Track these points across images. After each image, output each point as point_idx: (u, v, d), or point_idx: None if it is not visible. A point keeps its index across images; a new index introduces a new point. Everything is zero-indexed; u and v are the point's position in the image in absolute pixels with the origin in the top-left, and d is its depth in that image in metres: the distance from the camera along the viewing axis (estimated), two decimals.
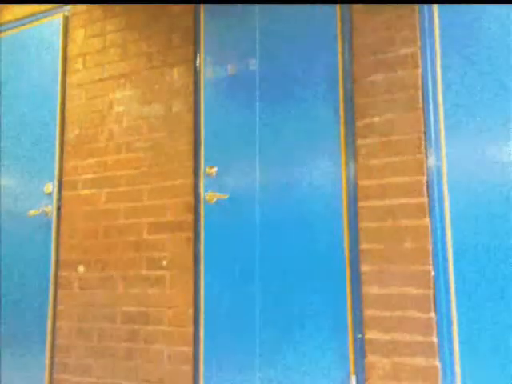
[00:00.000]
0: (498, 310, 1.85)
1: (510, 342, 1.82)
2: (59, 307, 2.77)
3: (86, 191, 2.81)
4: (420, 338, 1.93)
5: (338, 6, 2.30)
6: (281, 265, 2.26)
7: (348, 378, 2.06)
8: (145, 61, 2.74)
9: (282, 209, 2.29)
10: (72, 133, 2.91)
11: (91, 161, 2.82)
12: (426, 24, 2.12)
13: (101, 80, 2.87)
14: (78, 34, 3.00)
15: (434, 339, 1.91)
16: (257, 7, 2.48)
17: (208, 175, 2.48)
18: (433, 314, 1.93)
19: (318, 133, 2.26)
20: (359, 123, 2.16)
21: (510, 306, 1.84)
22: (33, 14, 3.18)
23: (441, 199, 2.01)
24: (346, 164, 2.20)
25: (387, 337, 1.98)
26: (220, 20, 2.58)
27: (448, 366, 1.91)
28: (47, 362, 2.73)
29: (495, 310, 1.86)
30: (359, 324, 2.07)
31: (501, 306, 1.85)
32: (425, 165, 2.02)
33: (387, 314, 2.00)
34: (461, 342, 1.90)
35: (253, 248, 2.33)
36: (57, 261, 2.83)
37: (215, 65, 2.55)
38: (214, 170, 2.47)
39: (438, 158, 2.03)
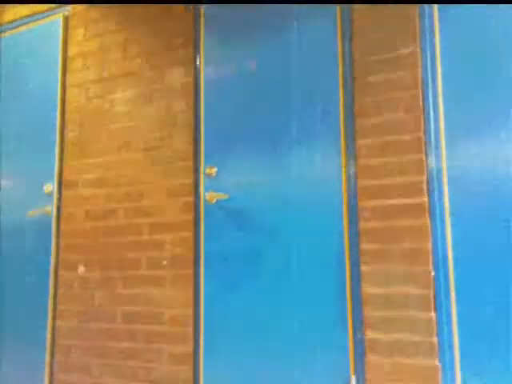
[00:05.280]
0: (498, 310, 1.85)
1: (511, 342, 1.82)
2: (59, 307, 2.77)
3: (86, 191, 2.81)
4: (420, 338, 1.92)
5: (338, 6, 2.29)
6: (280, 265, 2.25)
7: (348, 378, 2.06)
8: (145, 61, 2.74)
9: (282, 209, 2.29)
10: (72, 133, 2.91)
11: (91, 160, 2.82)
12: (427, 24, 2.12)
13: (101, 80, 2.87)
14: (78, 34, 3.00)
15: (435, 339, 1.90)
16: (256, 7, 2.48)
17: (208, 175, 2.48)
18: (433, 314, 1.92)
19: (317, 133, 2.26)
20: (359, 123, 2.16)
21: (511, 305, 1.84)
22: (33, 14, 3.19)
23: (441, 199, 2.00)
24: (347, 164, 2.19)
25: (387, 337, 1.98)
26: (220, 20, 2.58)
27: (448, 366, 1.90)
28: (47, 361, 2.74)
29: (496, 310, 1.85)
30: (359, 324, 2.07)
31: (501, 305, 1.85)
32: (425, 164, 2.02)
33: (387, 313, 2.00)
34: (461, 342, 1.89)
35: (252, 248, 2.32)
36: (57, 261, 2.83)
37: (215, 65, 2.55)
38: (214, 169, 2.47)
39: (438, 158, 2.03)
